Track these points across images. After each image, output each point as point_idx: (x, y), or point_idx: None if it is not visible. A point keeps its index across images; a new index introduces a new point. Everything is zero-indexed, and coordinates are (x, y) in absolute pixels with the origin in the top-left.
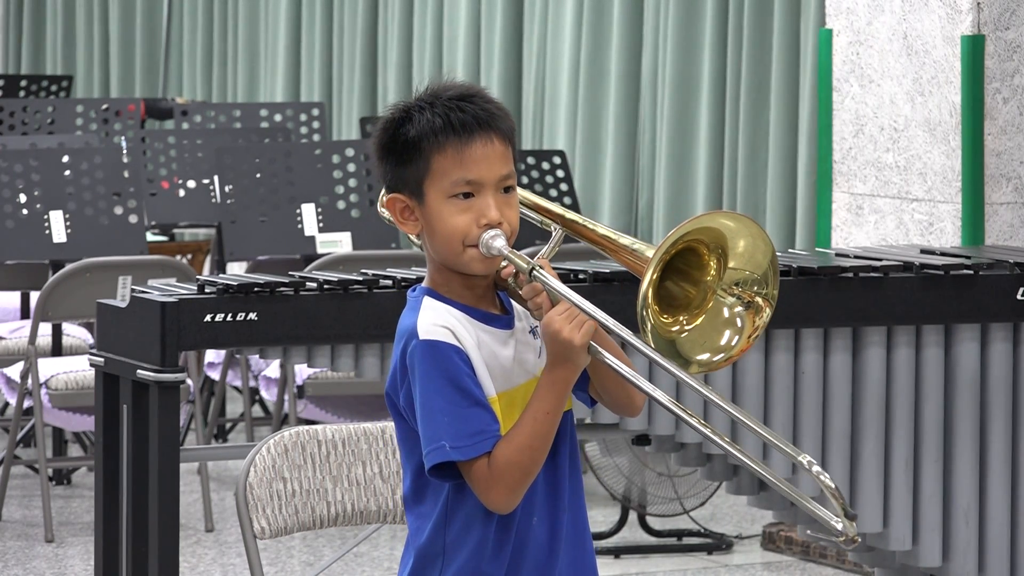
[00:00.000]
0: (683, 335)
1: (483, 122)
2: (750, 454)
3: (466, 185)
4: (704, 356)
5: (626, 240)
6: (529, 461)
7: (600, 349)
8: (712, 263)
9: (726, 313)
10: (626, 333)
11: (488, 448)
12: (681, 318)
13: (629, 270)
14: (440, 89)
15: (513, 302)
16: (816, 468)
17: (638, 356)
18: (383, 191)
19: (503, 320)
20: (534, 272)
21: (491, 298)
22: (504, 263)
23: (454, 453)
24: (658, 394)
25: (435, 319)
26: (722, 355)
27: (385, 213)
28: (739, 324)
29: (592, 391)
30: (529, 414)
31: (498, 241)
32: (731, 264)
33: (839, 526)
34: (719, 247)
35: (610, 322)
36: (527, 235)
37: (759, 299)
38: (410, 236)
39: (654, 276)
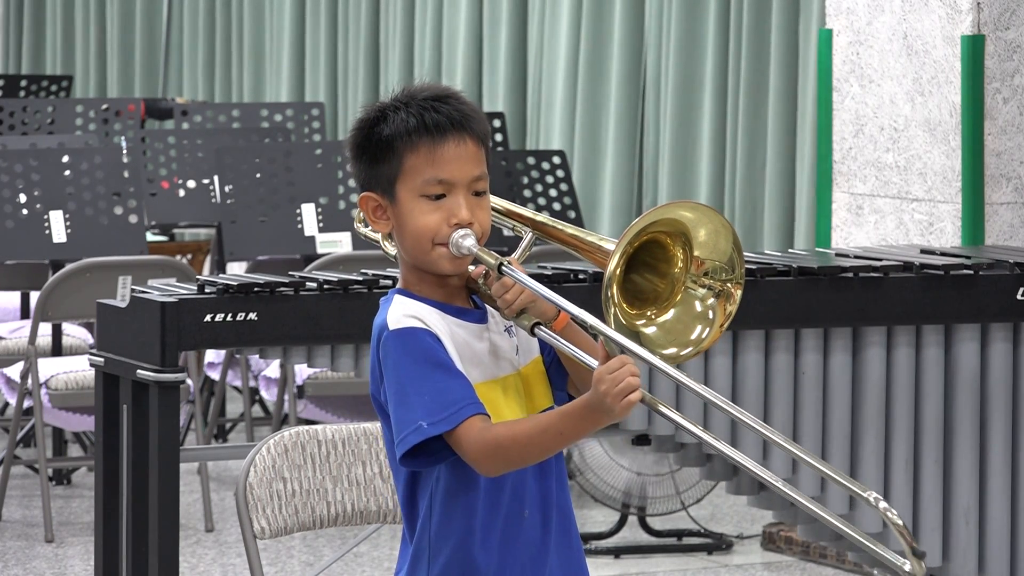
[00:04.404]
0: (649, 329)
1: (456, 123)
2: (783, 482)
3: (438, 184)
4: (672, 351)
5: (592, 237)
6: (516, 456)
7: (583, 356)
8: (678, 254)
9: (698, 307)
10: (596, 323)
11: (469, 414)
12: (649, 312)
13: (597, 267)
14: (416, 90)
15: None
16: (883, 504)
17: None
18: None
19: (475, 314)
20: (502, 267)
21: (463, 296)
22: (473, 264)
23: (432, 429)
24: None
25: (405, 311)
26: (691, 349)
27: (357, 214)
28: (710, 316)
29: (571, 388)
30: (545, 421)
31: (468, 240)
32: (696, 254)
33: (907, 567)
34: (683, 237)
35: (581, 313)
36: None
37: (729, 285)
38: (383, 241)
39: (616, 270)
